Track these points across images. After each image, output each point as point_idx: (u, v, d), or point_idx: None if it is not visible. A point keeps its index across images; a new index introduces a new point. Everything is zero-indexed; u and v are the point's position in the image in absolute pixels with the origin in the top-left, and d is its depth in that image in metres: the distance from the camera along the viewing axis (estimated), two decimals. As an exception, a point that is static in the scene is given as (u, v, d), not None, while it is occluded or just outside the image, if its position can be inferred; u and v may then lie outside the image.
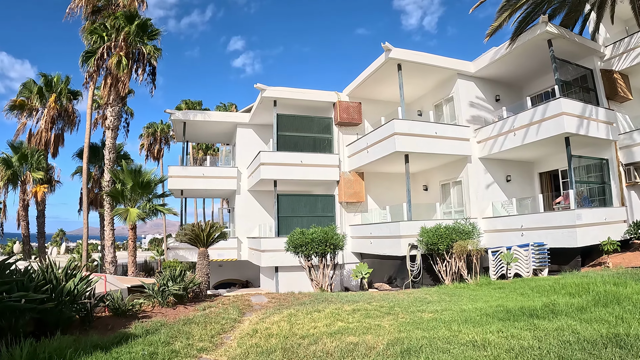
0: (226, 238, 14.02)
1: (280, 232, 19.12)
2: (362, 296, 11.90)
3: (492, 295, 11.10)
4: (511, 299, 10.17)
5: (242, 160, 24.08)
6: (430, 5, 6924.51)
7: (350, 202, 20.43)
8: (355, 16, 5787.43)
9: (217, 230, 13.04)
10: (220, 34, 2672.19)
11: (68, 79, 30.60)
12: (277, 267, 18.73)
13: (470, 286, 13.25)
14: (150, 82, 23.62)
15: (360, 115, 21.08)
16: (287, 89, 20.54)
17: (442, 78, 19.76)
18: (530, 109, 16.63)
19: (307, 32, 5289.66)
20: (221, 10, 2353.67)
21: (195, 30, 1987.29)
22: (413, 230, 15.99)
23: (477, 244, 14.14)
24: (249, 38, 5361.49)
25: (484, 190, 18.64)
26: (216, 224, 13.08)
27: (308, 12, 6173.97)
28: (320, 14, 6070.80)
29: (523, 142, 16.75)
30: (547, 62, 17.91)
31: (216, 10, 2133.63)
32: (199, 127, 25.13)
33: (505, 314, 8.08)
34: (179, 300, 11.33)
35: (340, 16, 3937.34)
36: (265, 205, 23.75)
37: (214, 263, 23.85)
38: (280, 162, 19.73)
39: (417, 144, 17.17)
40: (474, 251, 13.90)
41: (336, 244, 15.66)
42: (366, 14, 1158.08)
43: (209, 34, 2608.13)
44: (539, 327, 6.89)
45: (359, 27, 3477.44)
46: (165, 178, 21.99)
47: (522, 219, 16.46)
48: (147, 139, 46.05)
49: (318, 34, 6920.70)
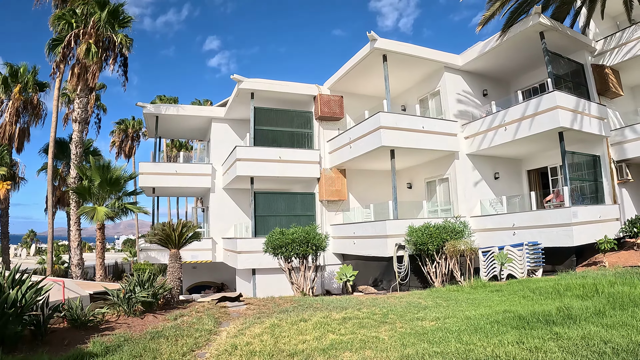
0: (200, 239, 12.79)
1: (257, 233, 17.94)
2: (349, 301, 10.84)
3: (491, 299, 10.18)
4: (515, 303, 9.26)
5: (217, 157, 22.81)
6: (406, 8, 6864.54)
7: (331, 200, 19.38)
8: (331, 17, 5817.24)
9: (190, 230, 11.83)
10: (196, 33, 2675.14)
11: (35, 69, 28.69)
12: (254, 270, 17.55)
13: (464, 289, 12.33)
14: (122, 75, 22.16)
15: (342, 109, 20.06)
16: (265, 80, 19.38)
17: (428, 71, 18.90)
18: (523, 103, 15.89)
19: (283, 31, 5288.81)
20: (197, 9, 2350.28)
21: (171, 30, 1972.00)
22: (400, 230, 15.02)
23: (470, 243, 13.23)
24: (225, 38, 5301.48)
25: (472, 188, 17.82)
26: (189, 223, 11.86)
27: (284, 12, 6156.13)
28: (296, 14, 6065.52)
29: (515, 137, 15.99)
30: (536, 56, 17.40)
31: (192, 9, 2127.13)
32: (172, 121, 23.75)
33: (518, 321, 7.13)
34: (148, 308, 10.11)
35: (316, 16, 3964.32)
36: (242, 204, 22.52)
37: (187, 265, 22.53)
38: (258, 158, 18.55)
39: (404, 138, 16.22)
40: (467, 251, 12.99)
41: (318, 244, 14.60)
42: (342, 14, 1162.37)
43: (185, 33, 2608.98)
44: (562, 336, 5.98)
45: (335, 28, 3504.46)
46: (135, 175, 20.58)
47: (514, 217, 15.69)
48: (118, 136, 44.16)
49: (294, 33, 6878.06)
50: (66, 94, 31.82)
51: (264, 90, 19.34)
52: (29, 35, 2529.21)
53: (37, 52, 28.69)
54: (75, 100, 21.83)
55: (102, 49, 21.12)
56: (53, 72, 21.84)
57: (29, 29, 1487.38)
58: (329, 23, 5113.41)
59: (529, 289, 10.91)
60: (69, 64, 21.70)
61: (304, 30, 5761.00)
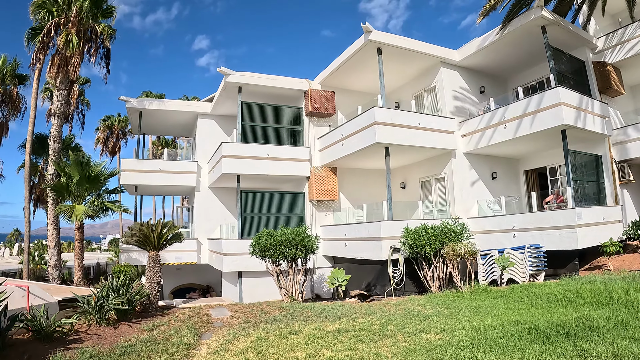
0: (181, 240, 11.86)
1: (244, 233, 17.01)
2: (342, 309, 9.99)
3: (497, 306, 9.39)
4: (525, 311, 8.49)
5: (202, 155, 21.82)
6: (395, 9, 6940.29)
7: (321, 200, 18.51)
8: (321, 18, 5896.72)
9: (171, 230, 10.91)
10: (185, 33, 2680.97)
11: (15, 62, 27.45)
12: (240, 273, 16.61)
13: (464, 295, 11.54)
14: (104, 67, 21.22)
15: (333, 105, 19.21)
16: (253, 74, 18.45)
17: (424, 66, 18.13)
18: (524, 99, 15.20)
19: (271, 32, 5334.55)
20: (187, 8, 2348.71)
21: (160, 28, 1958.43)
22: (395, 232, 14.20)
23: (471, 246, 12.44)
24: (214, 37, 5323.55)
25: (469, 188, 17.09)
26: (169, 223, 10.94)
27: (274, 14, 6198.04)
28: (286, 16, 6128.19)
29: (515, 135, 15.29)
30: (536, 53, 16.86)
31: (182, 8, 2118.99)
32: (156, 117, 22.71)
33: (535, 333, 6.36)
34: (123, 316, 9.19)
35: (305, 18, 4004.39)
36: (228, 203, 21.56)
37: (171, 267, 21.56)
38: (245, 155, 17.61)
39: (399, 135, 15.41)
40: (468, 255, 12.20)
41: (308, 247, 13.75)
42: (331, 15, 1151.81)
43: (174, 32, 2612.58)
44: (590, 353, 5.28)
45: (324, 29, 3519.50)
46: (117, 172, 19.47)
47: (514, 218, 14.98)
48: (103, 133, 42.88)
49: (283, 34, 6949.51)
50: (49, 88, 30.62)
51: (252, 84, 18.42)
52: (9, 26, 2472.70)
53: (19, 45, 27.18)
54: (54, 93, 20.77)
55: (83, 39, 20.14)
56: (32, 63, 20.85)
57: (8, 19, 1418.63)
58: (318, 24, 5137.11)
59: (535, 295, 10.19)
60: (48, 55, 20.70)
61: (293, 31, 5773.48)
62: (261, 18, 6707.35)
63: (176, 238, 11.29)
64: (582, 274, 13.53)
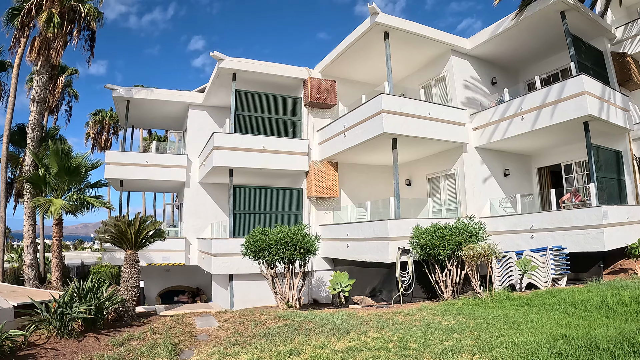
0: (164, 238, 10.47)
1: (236, 232, 15.60)
2: (349, 319, 8.63)
3: (529, 317, 8.08)
4: (565, 323, 7.21)
5: (193, 148, 20.40)
6: (391, 12, 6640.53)
7: (321, 197, 17.14)
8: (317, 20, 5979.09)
9: (152, 226, 9.50)
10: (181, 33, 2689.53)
11: (-3, 46, 26.03)
12: (231, 275, 15.21)
13: (484, 302, 10.22)
14: (88, 50, 19.92)
15: (334, 95, 17.85)
16: (249, 60, 17.08)
17: (433, 54, 16.83)
18: (543, 89, 13.98)
19: (267, 33, 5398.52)
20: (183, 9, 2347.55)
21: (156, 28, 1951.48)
22: (403, 231, 12.85)
23: (492, 247, 11.09)
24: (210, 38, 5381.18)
25: (481, 185, 15.81)
26: (149, 218, 9.55)
27: (269, 14, 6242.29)
28: (281, 16, 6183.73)
29: (533, 127, 14.05)
30: (552, 41, 15.79)
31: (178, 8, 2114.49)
32: (145, 108, 21.26)
33: (598, 352, 5.08)
34: (91, 325, 7.80)
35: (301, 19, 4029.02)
36: (220, 200, 20.14)
37: (159, 268, 20.14)
38: (238, 147, 16.19)
39: (408, 125, 14.07)
40: (489, 257, 10.88)
41: (307, 247, 12.39)
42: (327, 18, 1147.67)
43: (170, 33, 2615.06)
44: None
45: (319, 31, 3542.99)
46: (99, 163, 17.93)
47: (532, 218, 13.71)
48: (93, 127, 41.12)
49: (278, 35, 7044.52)
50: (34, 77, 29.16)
51: (247, 71, 17.02)
52: None
53: None
54: (34, 78, 19.35)
55: (67, 20, 18.75)
56: (12, 47, 19.47)
57: None
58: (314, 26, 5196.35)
59: (567, 303, 8.93)
60: (30, 40, 19.33)
61: (289, 33, 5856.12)
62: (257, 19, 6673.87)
63: (158, 236, 9.90)
64: (606, 278, 12.35)
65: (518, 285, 12.37)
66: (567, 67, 16.73)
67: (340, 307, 11.95)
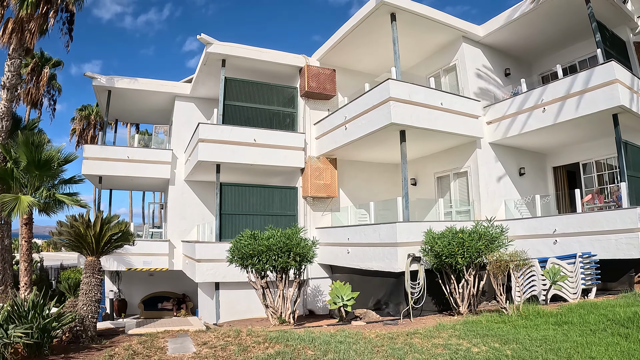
0: (132, 241, 8.85)
1: (223, 235, 13.95)
2: (355, 344, 7.06)
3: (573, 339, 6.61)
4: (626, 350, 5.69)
5: (179, 143, 18.74)
6: None
7: (318, 196, 15.55)
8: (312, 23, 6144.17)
9: (117, 227, 7.88)
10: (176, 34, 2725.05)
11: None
12: (217, 284, 13.59)
13: (512, 319, 8.72)
14: (66, 33, 18.31)
15: (334, 85, 16.27)
16: (240, 45, 15.45)
17: (443, 41, 15.32)
18: (567, 77, 12.55)
19: (262, 35, 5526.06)
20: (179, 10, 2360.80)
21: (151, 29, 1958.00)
22: (414, 236, 11.28)
23: (520, 255, 9.53)
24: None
25: (495, 185, 14.32)
26: (114, 218, 7.94)
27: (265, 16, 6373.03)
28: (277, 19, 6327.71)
29: (556, 121, 12.57)
30: (571, 30, 14.59)
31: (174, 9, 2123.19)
32: (128, 98, 19.56)
33: None
34: (35, 351, 6.20)
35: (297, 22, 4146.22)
36: (207, 200, 18.45)
37: (143, 272, 18.52)
38: (226, 140, 14.54)
39: (418, 116, 12.51)
40: (520, 266, 9.36)
41: (303, 254, 10.83)
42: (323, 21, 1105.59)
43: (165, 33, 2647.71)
44: None
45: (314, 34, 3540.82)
46: (72, 157, 16.09)
47: (555, 221, 12.21)
48: (79, 124, 39.16)
49: (273, 37, 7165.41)
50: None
51: (238, 57, 15.38)
52: None
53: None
54: (5, 62, 17.67)
55: (43, 1, 17.11)
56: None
57: None
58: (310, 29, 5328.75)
59: (611, 321, 7.55)
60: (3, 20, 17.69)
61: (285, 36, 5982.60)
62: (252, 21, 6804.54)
63: (124, 239, 8.27)
64: (637, 287, 11.06)
65: (542, 297, 10.88)
66: (585, 58, 15.50)
67: (341, 323, 10.38)
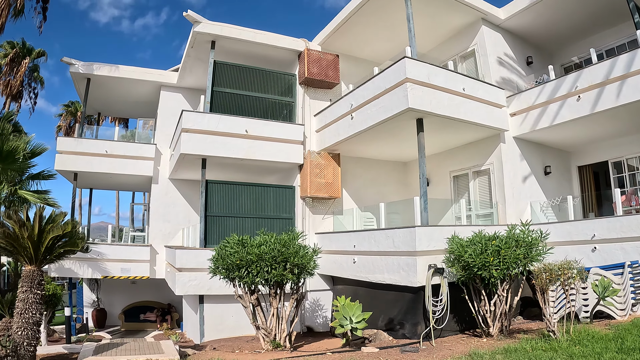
0: (84, 247, 7.05)
1: (208, 241, 12.07)
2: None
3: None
4: None
5: (164, 137, 16.87)
6: None
7: (318, 197, 13.71)
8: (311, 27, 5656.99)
9: (59, 229, 6.03)
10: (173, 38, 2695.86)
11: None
12: (202, 297, 11.72)
13: (563, 345, 6.96)
14: (40, 12, 17.01)
15: (337, 72, 14.49)
16: (232, 25, 13.66)
17: (460, 23, 13.63)
18: (606, 60, 10.85)
19: None
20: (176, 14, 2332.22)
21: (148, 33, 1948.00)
22: (435, 243, 9.48)
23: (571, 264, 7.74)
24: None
25: (521, 185, 12.60)
26: (60, 217, 6.10)
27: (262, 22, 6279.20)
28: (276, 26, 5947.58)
29: (593, 110, 10.89)
30: (600, 14, 13.01)
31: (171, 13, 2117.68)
32: (109, 88, 17.68)
33: None
34: None
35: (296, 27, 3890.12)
36: (193, 201, 16.53)
37: (124, 280, 16.73)
38: (214, 130, 12.65)
39: (439, 102, 10.71)
40: (574, 279, 7.59)
41: (303, 265, 9.02)
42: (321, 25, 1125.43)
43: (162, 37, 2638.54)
44: None
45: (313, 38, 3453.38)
46: (40, 149, 14.10)
47: (593, 225, 10.47)
48: (65, 120, 37.29)
49: None
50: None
51: (229, 39, 13.55)
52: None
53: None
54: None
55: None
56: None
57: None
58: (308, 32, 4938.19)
59: None
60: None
61: None
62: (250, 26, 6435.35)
63: (72, 244, 6.42)
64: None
65: (583, 314, 9.15)
66: (612, 46, 13.86)
67: (348, 348, 8.56)
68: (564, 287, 7.66)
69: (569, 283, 7.61)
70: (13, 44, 26.92)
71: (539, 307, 11.63)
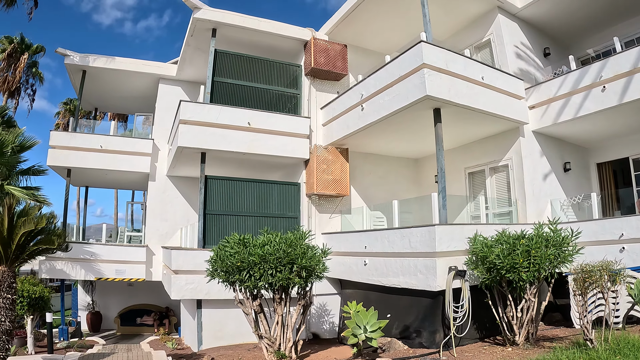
0: (65, 246, 6.29)
1: (207, 241, 11.27)
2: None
3: None
4: None
5: (162, 132, 16.12)
6: None
7: (325, 194, 12.92)
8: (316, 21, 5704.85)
9: (34, 223, 5.26)
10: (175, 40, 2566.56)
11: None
12: (200, 301, 10.92)
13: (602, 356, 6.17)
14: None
15: (345, 63, 13.72)
16: (234, 13, 12.91)
17: (475, 11, 12.86)
18: (634, 48, 10.14)
19: None
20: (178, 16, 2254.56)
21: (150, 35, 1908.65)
22: (455, 243, 8.69)
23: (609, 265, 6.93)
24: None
25: (541, 182, 11.83)
26: (33, 210, 5.33)
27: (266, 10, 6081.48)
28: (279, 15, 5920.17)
29: (621, 101, 10.14)
30: (619, 6, 12.40)
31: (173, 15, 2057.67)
32: (106, 81, 16.95)
33: None
34: None
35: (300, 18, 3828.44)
36: (193, 199, 15.71)
37: (120, 282, 15.99)
38: (214, 122, 11.84)
39: (458, 90, 9.91)
40: (616, 281, 6.81)
41: (311, 267, 8.23)
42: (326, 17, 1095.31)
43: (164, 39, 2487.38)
44: None
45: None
46: (31, 142, 13.28)
47: (622, 224, 9.72)
48: (64, 117, 36.69)
49: None
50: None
51: (231, 26, 12.78)
52: None
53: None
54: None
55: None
56: None
57: None
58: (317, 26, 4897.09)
59: None
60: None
61: None
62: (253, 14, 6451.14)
63: (47, 242, 5.64)
64: None
65: (613, 320, 8.35)
66: (632, 38, 13.04)
67: (360, 358, 7.77)
68: (602, 290, 6.87)
69: (608, 286, 6.82)
70: (11, 39, 26.26)
71: (560, 312, 10.94)
